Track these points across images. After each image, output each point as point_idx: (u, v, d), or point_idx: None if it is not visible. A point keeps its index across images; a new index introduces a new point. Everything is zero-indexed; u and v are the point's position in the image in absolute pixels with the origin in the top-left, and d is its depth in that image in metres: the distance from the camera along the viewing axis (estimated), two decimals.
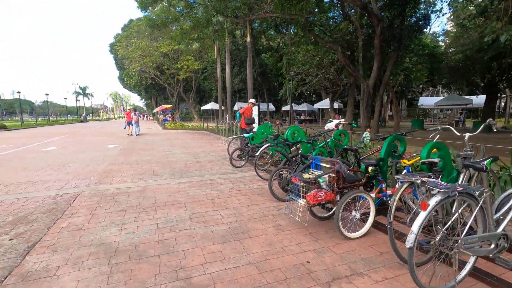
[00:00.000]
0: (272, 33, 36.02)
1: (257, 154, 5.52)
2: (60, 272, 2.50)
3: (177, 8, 19.82)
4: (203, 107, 44.02)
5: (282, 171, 4.62)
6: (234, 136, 8.99)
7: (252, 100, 9.50)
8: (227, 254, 2.80)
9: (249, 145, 7.61)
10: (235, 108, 37.10)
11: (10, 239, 3.16)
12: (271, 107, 40.06)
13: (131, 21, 58.34)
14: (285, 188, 4.46)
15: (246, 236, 3.24)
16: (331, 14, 20.40)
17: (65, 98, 69.45)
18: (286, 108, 37.12)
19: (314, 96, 44.30)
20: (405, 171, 3.69)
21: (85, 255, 2.79)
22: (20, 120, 35.40)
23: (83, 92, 79.06)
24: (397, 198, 2.54)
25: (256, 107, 9.68)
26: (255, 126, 9.26)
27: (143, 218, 3.78)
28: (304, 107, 35.62)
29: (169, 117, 37.25)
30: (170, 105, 36.96)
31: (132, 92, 64.66)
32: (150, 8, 21.19)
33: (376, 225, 3.44)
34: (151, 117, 73.19)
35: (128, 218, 3.78)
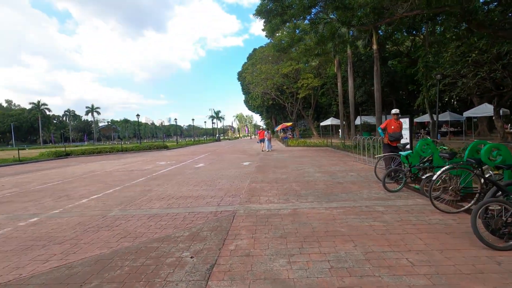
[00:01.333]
0: (399, 37, 32.13)
1: (434, 178, 4.27)
2: None
3: (297, 31, 20.38)
4: (322, 123, 43.28)
5: (491, 205, 3.26)
6: (382, 155, 7.75)
7: (395, 111, 7.96)
8: None
9: (405, 165, 6.29)
10: (357, 122, 34.52)
11: (191, 257, 3.28)
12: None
13: (254, 50, 65.36)
14: (502, 232, 3.09)
15: None
16: None
17: (204, 122, 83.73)
18: (420, 119, 31.60)
19: (455, 103, 36.14)
20: None
21: None
22: (176, 141, 44.54)
23: (217, 115, 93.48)
24: None
25: (407, 120, 8.10)
26: (405, 141, 7.76)
27: (308, 251, 3.31)
28: (446, 116, 29.28)
29: (289, 134, 38.33)
30: (290, 123, 38.11)
31: (255, 112, 71.03)
32: (277, 34, 22.55)
33: None
34: (271, 135, 78.38)
35: (292, 249, 3.39)
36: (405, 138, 8.07)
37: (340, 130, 38.02)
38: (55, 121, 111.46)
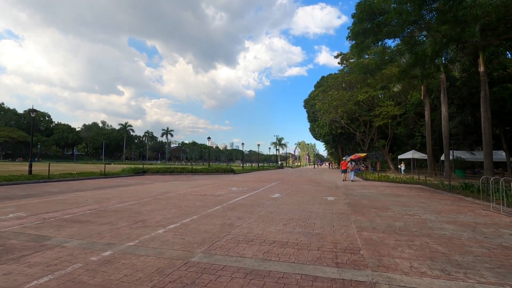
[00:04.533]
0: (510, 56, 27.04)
1: None
2: None
3: (388, 50, 18.24)
4: (400, 156, 38.29)
5: None
6: None
7: None
8: None
9: None
10: (444, 157, 29.09)
11: None
12: None
13: (322, 78, 64.11)
14: None
15: None
16: None
17: (269, 147, 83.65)
18: None
19: None
20: None
21: None
22: (242, 165, 44.67)
23: (279, 143, 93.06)
24: None
25: None
26: None
27: None
28: None
29: (362, 166, 34.67)
30: (364, 154, 34.50)
31: (320, 141, 68.17)
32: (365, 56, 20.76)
33: None
34: (335, 165, 73.42)
35: None
36: None
37: (400, 166, 32.76)
38: (136, 141, 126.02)
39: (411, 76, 22.56)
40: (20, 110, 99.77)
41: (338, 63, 40.05)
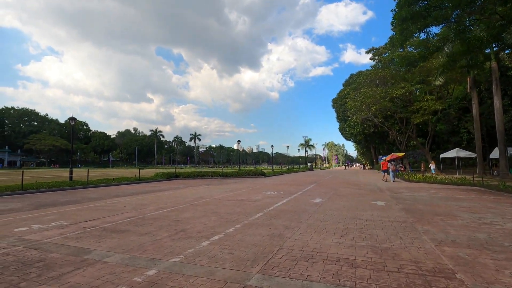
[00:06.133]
0: None
1: None
2: None
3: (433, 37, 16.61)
4: (442, 155, 35.40)
5: None
6: None
7: None
8: None
9: None
10: (493, 155, 26.16)
11: None
12: None
13: (351, 75, 61.73)
14: None
15: None
16: None
17: (298, 149, 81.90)
18: None
19: None
20: None
21: None
22: (271, 168, 43.95)
23: (307, 143, 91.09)
24: None
25: None
26: None
27: None
28: None
29: (401, 166, 32.44)
30: (402, 153, 32.23)
31: (351, 141, 65.61)
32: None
33: None
34: (368, 166, 70.22)
35: None
36: None
37: (431, 165, 29.78)
38: (166, 146, 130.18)
39: (458, 66, 20.56)
40: (62, 120, 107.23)
41: (370, 58, 38.11)
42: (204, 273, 3.68)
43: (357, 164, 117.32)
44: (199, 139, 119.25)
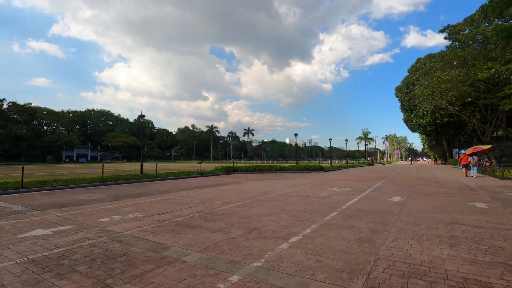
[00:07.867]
0: None
1: None
2: None
3: None
4: None
5: None
6: None
7: None
8: None
9: None
10: None
11: None
12: None
13: (418, 60, 55.38)
14: None
15: None
16: None
17: (357, 142, 77.29)
18: None
19: None
20: None
21: None
22: (330, 163, 42.06)
23: (365, 137, 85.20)
24: None
25: None
26: None
27: None
28: None
29: (486, 161, 27.79)
30: (487, 146, 27.48)
31: (419, 132, 59.20)
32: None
33: None
34: (439, 162, 62.50)
35: None
36: None
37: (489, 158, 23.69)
38: (221, 141, 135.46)
39: None
40: (131, 120, 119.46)
41: (445, 38, 33.20)
42: (295, 285, 3.12)
43: (425, 159, 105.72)
44: (252, 134, 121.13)
